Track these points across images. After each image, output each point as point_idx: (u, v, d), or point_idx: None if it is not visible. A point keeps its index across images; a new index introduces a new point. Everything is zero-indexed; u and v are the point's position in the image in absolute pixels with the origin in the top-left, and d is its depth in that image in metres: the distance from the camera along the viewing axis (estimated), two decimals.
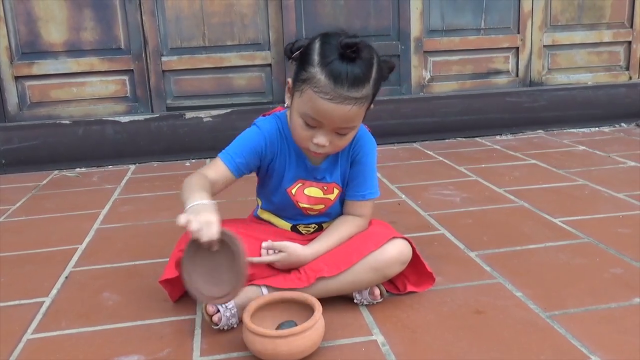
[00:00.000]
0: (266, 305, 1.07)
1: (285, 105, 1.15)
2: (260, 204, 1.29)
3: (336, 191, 1.22)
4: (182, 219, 0.94)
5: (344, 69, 1.00)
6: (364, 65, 1.02)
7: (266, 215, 1.28)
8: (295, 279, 1.13)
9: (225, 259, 0.96)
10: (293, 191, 1.20)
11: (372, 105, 1.11)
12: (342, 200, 1.24)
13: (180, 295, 1.23)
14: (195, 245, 0.96)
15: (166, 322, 1.15)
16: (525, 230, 1.56)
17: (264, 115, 1.22)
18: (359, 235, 1.20)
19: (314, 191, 1.20)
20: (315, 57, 1.03)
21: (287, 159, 1.18)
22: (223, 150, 1.18)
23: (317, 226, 1.25)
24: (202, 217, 0.94)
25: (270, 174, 1.20)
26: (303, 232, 1.25)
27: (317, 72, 1.02)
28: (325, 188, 1.20)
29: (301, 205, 1.20)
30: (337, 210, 1.25)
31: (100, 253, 1.54)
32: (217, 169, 1.15)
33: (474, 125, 2.83)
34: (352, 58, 1.00)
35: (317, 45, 1.05)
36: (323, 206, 1.22)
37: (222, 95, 2.70)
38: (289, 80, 1.11)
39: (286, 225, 1.25)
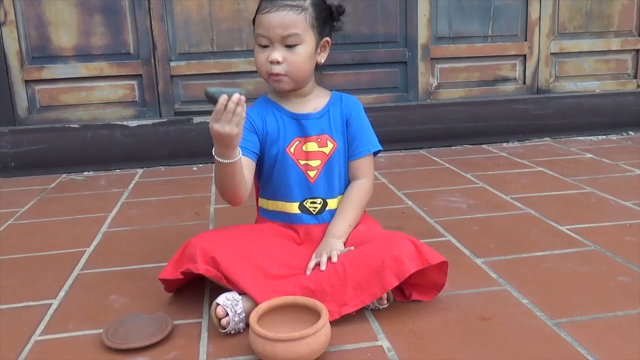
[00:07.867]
0: (276, 309, 1.07)
1: None
2: (261, 202, 1.35)
3: (330, 144, 1.29)
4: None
5: None
6: None
7: (272, 205, 1.32)
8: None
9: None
10: (292, 149, 1.28)
11: (327, 38, 1.28)
12: (342, 168, 1.32)
13: (176, 287, 1.27)
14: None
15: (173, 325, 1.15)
16: (532, 238, 1.56)
17: None
18: (383, 261, 1.12)
19: (310, 146, 1.29)
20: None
21: (279, 121, 1.29)
22: None
23: (322, 201, 1.29)
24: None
25: (268, 140, 1.29)
26: (310, 209, 1.29)
27: (259, 3, 1.23)
28: (319, 140, 1.29)
29: (301, 162, 1.27)
30: (336, 178, 1.30)
31: (108, 256, 1.55)
32: None
33: (481, 132, 2.83)
34: None
35: None
36: (320, 162, 1.28)
37: None
38: None
39: (294, 206, 1.29)
